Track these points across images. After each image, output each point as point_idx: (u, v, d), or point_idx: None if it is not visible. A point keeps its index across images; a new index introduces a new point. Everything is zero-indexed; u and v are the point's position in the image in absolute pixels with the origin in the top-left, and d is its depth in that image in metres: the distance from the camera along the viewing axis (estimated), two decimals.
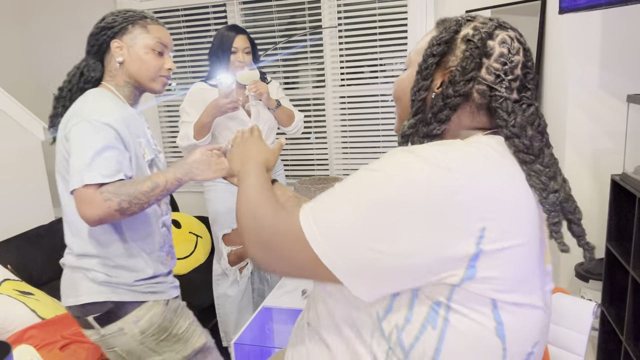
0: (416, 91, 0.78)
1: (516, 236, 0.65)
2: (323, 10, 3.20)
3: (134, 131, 1.28)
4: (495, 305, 0.65)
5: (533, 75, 0.75)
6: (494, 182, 0.65)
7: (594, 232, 2.10)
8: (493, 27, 0.74)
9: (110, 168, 1.13)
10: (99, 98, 1.26)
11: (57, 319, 1.89)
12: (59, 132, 1.26)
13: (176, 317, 1.34)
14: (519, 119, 0.71)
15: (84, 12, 3.69)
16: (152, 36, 1.30)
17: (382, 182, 0.64)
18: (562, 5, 1.80)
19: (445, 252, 0.62)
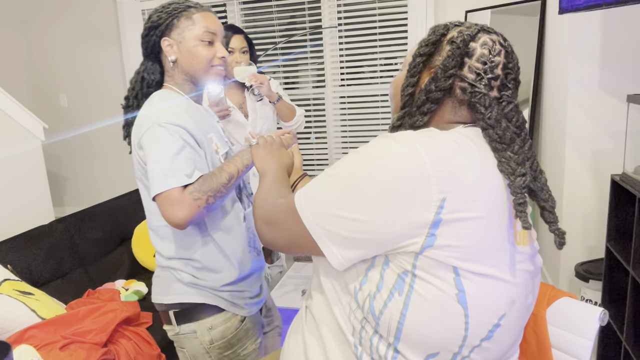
0: (404, 87, 0.86)
1: (477, 209, 0.71)
2: (323, 10, 3.20)
3: (204, 128, 1.25)
4: (457, 272, 0.71)
5: (514, 76, 0.81)
6: (458, 160, 0.72)
7: (594, 232, 2.10)
8: (476, 30, 0.81)
9: (191, 167, 1.12)
10: (164, 100, 1.23)
11: (57, 319, 1.88)
12: (132, 140, 1.23)
13: (246, 338, 1.32)
14: (495, 113, 0.78)
15: (84, 12, 3.70)
16: (198, 26, 1.22)
17: (358, 159, 0.74)
18: (562, 6, 1.80)
19: (406, 220, 0.69)
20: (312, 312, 0.88)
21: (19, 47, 3.92)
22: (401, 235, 0.70)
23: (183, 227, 1.09)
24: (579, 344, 1.00)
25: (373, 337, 0.77)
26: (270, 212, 0.86)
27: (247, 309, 1.31)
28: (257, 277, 1.37)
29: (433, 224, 0.69)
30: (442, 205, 0.69)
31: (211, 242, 1.25)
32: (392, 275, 0.74)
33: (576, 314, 1.01)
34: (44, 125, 2.87)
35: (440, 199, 0.69)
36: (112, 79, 3.76)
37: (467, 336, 0.74)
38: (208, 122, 1.30)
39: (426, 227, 0.69)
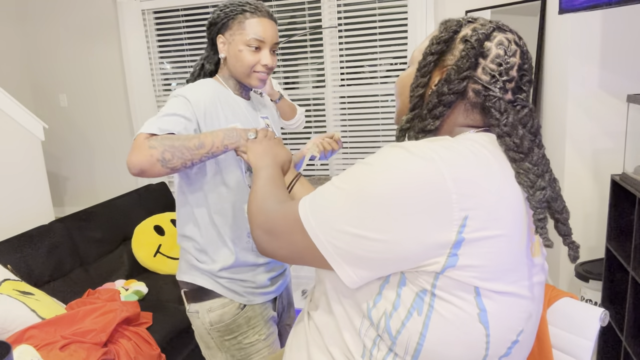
0: (414, 87, 0.81)
1: (499, 227, 0.67)
2: (323, 10, 3.20)
3: (227, 115, 1.28)
4: (478, 292, 0.67)
5: (529, 77, 0.77)
6: (478, 174, 0.67)
7: (594, 232, 2.10)
8: (491, 29, 0.76)
9: (169, 127, 1.15)
10: (200, 84, 1.30)
11: (57, 319, 1.89)
12: None
13: (247, 326, 1.34)
14: (511, 119, 0.74)
15: (84, 12, 3.70)
16: (248, 31, 1.26)
17: (372, 174, 0.68)
18: (562, 6, 1.80)
19: (427, 240, 0.65)
20: (317, 326, 0.84)
21: (18, 47, 3.92)
22: (421, 256, 0.66)
23: (134, 172, 1.10)
24: (579, 345, 1.00)
25: (387, 355, 0.73)
26: (269, 219, 0.80)
27: (246, 297, 1.34)
28: (265, 269, 1.38)
29: (455, 244, 0.65)
30: (464, 224, 0.65)
31: (211, 225, 1.30)
32: (410, 294, 0.70)
33: (577, 314, 1.01)
34: (44, 125, 2.87)
35: (462, 217, 0.65)
36: (112, 79, 3.76)
37: (487, 355, 0.71)
38: (240, 114, 1.34)
39: (448, 247, 0.65)
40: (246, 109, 1.36)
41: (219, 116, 1.26)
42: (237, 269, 1.32)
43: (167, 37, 3.58)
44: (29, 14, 3.86)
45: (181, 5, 3.44)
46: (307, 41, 3.30)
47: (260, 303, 1.37)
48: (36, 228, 2.38)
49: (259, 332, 1.36)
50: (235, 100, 1.34)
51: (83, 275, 2.45)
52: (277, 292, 1.42)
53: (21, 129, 2.74)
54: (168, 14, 3.53)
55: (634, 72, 1.95)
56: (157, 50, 3.63)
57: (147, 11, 3.54)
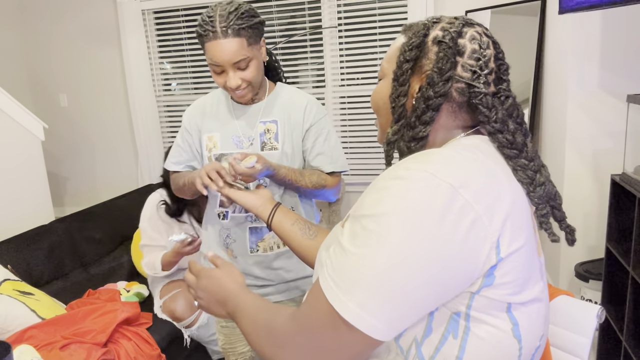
0: (395, 98, 0.79)
1: (521, 236, 0.65)
2: (323, 10, 3.20)
3: (209, 125, 1.41)
4: (509, 307, 0.66)
5: (506, 66, 0.77)
6: (493, 187, 0.65)
7: (594, 232, 2.10)
8: (460, 25, 0.75)
9: (172, 160, 1.48)
10: (205, 96, 1.49)
11: (57, 319, 1.88)
12: None
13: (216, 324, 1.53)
14: (500, 114, 0.73)
15: (84, 12, 3.70)
16: (208, 56, 1.27)
17: (393, 226, 0.61)
18: (562, 5, 1.80)
19: (469, 274, 0.62)
20: None
21: (19, 47, 3.92)
22: (464, 285, 0.64)
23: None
24: (577, 342, 1.00)
25: None
26: (302, 342, 0.67)
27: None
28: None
29: (492, 266, 0.63)
30: (498, 244, 0.62)
31: (207, 226, 1.49)
32: (442, 317, 0.66)
33: (574, 312, 1.01)
34: (44, 125, 2.87)
35: (496, 237, 0.62)
36: (112, 78, 3.76)
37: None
38: (224, 120, 1.40)
39: (486, 269, 0.63)
40: (240, 115, 1.39)
41: (199, 126, 1.43)
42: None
43: (167, 37, 3.58)
44: (29, 14, 3.86)
45: (181, 5, 3.44)
46: (307, 41, 3.30)
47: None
48: (36, 228, 2.38)
49: (224, 338, 1.52)
50: (231, 106, 1.40)
51: (83, 275, 2.45)
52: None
53: (21, 129, 2.74)
54: (168, 14, 3.53)
55: (634, 72, 1.95)
56: (157, 50, 3.64)
57: (147, 11, 3.54)
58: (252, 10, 1.28)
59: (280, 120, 1.38)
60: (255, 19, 1.27)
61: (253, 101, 1.40)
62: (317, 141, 1.40)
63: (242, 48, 1.24)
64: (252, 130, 1.38)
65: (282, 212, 1.13)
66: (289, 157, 1.38)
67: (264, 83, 1.41)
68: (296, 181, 1.32)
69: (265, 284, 1.41)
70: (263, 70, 1.37)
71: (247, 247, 1.39)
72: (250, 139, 1.38)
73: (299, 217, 1.13)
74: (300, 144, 1.39)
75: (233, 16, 1.22)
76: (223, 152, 1.39)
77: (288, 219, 1.11)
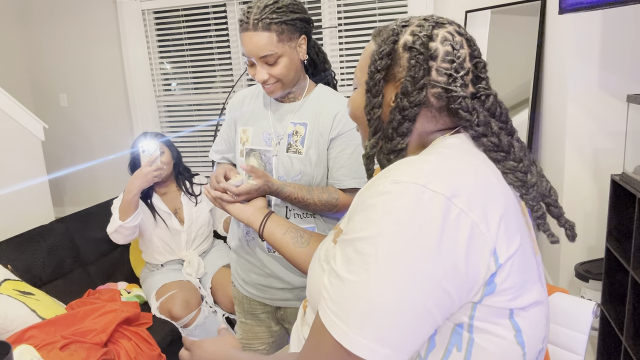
0: (370, 110, 0.76)
1: (516, 236, 0.64)
2: (323, 10, 3.20)
3: (245, 118, 1.40)
4: (511, 313, 0.64)
5: (484, 63, 0.73)
6: (486, 190, 0.63)
7: (594, 232, 2.10)
8: (430, 27, 0.72)
9: (215, 149, 1.51)
10: (250, 87, 1.48)
11: (57, 319, 1.88)
12: None
13: (239, 307, 1.55)
14: (482, 116, 0.70)
15: (84, 12, 3.70)
16: (242, 46, 1.26)
17: (390, 248, 0.58)
18: (562, 5, 1.80)
19: (474, 283, 0.60)
20: None
21: (19, 47, 3.92)
22: (467, 297, 0.62)
23: None
24: (573, 338, 1.00)
25: None
26: None
27: (237, 283, 1.52)
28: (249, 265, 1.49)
29: (493, 273, 0.61)
30: (495, 250, 0.60)
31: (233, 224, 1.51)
32: (445, 330, 0.64)
33: (569, 308, 1.02)
34: (44, 125, 2.87)
35: (493, 243, 0.60)
36: (113, 78, 3.76)
37: None
38: (259, 115, 1.39)
39: (487, 278, 0.61)
40: (275, 112, 1.37)
41: (236, 118, 1.42)
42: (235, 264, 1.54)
43: (167, 37, 3.58)
44: (30, 14, 3.86)
45: (181, 5, 3.44)
46: None
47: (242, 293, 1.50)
48: (36, 228, 2.38)
49: (240, 317, 1.55)
50: (268, 102, 1.38)
51: (83, 275, 2.45)
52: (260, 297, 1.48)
53: (21, 129, 2.74)
54: (168, 14, 3.53)
55: (634, 72, 1.95)
56: (157, 50, 3.64)
57: (147, 11, 3.54)
58: (294, 6, 1.23)
59: (310, 124, 1.32)
60: (294, 14, 1.22)
61: (289, 99, 1.36)
62: (343, 153, 1.31)
63: (270, 43, 1.20)
64: (282, 130, 1.34)
65: (273, 221, 1.11)
66: (312, 163, 1.31)
67: (303, 82, 1.36)
68: (304, 199, 1.27)
69: (285, 287, 1.39)
70: (299, 69, 1.31)
71: (264, 246, 1.38)
72: (279, 138, 1.34)
73: (291, 226, 1.11)
74: (325, 151, 1.32)
75: (268, 9, 1.19)
76: (253, 148, 1.37)
77: (280, 228, 1.10)
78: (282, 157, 1.33)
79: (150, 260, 2.37)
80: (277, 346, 1.56)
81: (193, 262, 2.34)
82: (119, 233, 2.10)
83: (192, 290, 2.24)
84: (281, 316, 1.47)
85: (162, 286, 2.24)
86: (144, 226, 2.26)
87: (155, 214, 2.27)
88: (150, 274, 2.36)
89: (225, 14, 3.41)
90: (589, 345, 1.01)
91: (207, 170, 3.65)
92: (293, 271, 1.37)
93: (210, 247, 2.50)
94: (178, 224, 2.32)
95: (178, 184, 2.39)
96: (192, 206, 2.36)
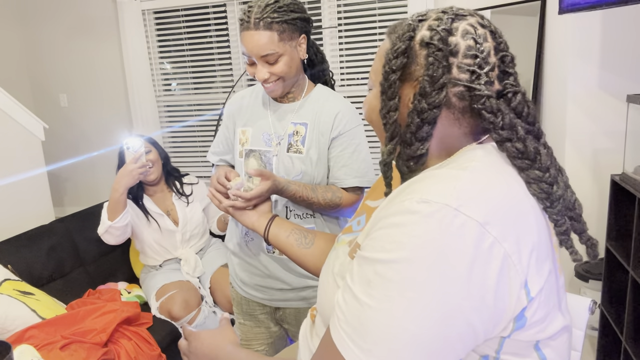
0: (385, 114, 0.70)
1: (546, 264, 0.59)
2: (323, 11, 3.20)
3: (244, 119, 1.40)
4: (537, 344, 0.61)
5: (511, 56, 0.66)
6: (521, 217, 0.58)
7: (594, 232, 2.10)
8: (449, 20, 0.65)
9: (212, 150, 1.50)
10: (249, 87, 1.48)
11: (58, 319, 1.88)
12: None
13: (236, 309, 1.54)
14: (507, 118, 0.63)
15: (84, 11, 3.70)
16: (242, 45, 1.25)
17: (417, 276, 0.54)
18: (562, 6, 1.80)
19: (503, 317, 0.57)
20: None
21: (18, 47, 3.92)
22: (496, 331, 0.58)
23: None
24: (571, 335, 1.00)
25: None
26: None
27: (235, 283, 1.51)
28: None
29: (524, 307, 0.57)
30: (526, 282, 0.56)
31: (231, 224, 1.51)
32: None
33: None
34: (44, 125, 2.87)
35: (525, 276, 0.56)
36: (113, 78, 3.76)
37: None
38: (258, 116, 1.38)
39: (517, 312, 0.57)
40: (274, 112, 1.37)
41: (235, 119, 1.41)
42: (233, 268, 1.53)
43: (167, 37, 3.58)
44: (30, 14, 3.86)
45: (181, 5, 3.44)
46: None
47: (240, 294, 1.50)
48: (36, 228, 2.38)
49: (238, 317, 1.54)
50: (267, 102, 1.38)
51: (83, 275, 2.45)
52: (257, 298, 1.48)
53: (21, 129, 2.74)
54: (168, 14, 3.53)
55: (634, 72, 1.95)
56: (157, 50, 3.63)
57: (147, 11, 3.54)
58: (294, 5, 1.23)
59: (310, 124, 1.33)
60: (295, 14, 1.22)
61: (288, 100, 1.36)
62: (344, 152, 1.32)
63: (272, 42, 1.20)
64: (282, 130, 1.35)
65: (277, 224, 1.11)
66: (313, 163, 1.32)
67: (302, 82, 1.36)
68: (308, 198, 1.27)
69: (284, 287, 1.39)
70: (299, 68, 1.31)
71: (263, 247, 1.38)
72: (279, 138, 1.34)
73: (295, 227, 1.10)
74: (326, 151, 1.33)
75: (269, 9, 1.19)
76: (252, 148, 1.37)
77: (283, 231, 1.09)
78: (282, 157, 1.34)
79: (148, 262, 2.37)
80: (276, 347, 1.55)
81: (190, 260, 2.34)
82: (110, 234, 2.08)
83: (191, 290, 2.24)
84: (280, 317, 1.47)
85: (161, 287, 2.24)
86: (137, 228, 2.25)
87: (147, 215, 2.26)
88: (149, 274, 2.36)
89: (225, 14, 3.41)
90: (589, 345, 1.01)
91: (207, 170, 3.65)
92: (292, 272, 1.37)
93: (207, 245, 2.50)
94: (172, 224, 2.31)
95: (168, 185, 2.37)
96: (184, 206, 2.36)
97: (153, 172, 2.25)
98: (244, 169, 1.38)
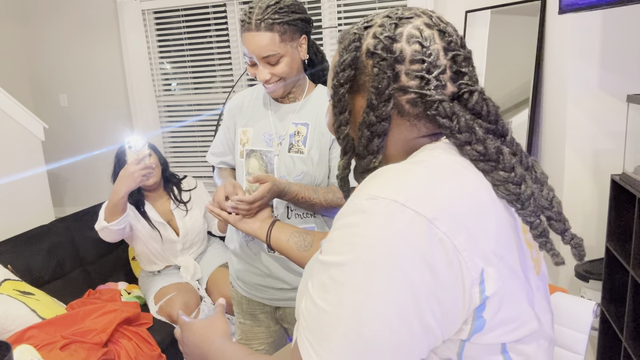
0: (337, 128, 0.68)
1: (506, 263, 0.57)
2: (323, 11, 3.20)
3: (245, 119, 1.40)
4: (504, 348, 0.59)
5: (464, 55, 0.63)
6: (475, 211, 0.56)
7: (594, 232, 2.10)
8: (393, 26, 0.63)
9: (213, 150, 1.51)
10: (250, 88, 1.47)
11: (57, 319, 1.89)
12: None
13: (239, 315, 1.54)
14: (463, 121, 0.60)
15: (84, 11, 3.70)
16: (243, 46, 1.26)
17: (367, 277, 0.53)
18: (562, 5, 1.80)
19: (457, 316, 0.55)
20: None
21: (18, 47, 3.92)
22: (450, 332, 0.56)
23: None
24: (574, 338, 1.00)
25: None
26: None
27: (235, 285, 1.51)
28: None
29: (479, 307, 0.55)
30: (482, 279, 0.54)
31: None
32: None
33: (570, 308, 1.02)
34: (44, 125, 2.87)
35: (479, 274, 0.54)
36: (113, 78, 3.76)
37: None
38: (259, 116, 1.38)
39: (472, 312, 0.55)
40: (275, 112, 1.37)
41: (235, 119, 1.42)
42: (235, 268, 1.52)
43: (167, 37, 3.58)
44: (29, 14, 3.86)
45: (181, 5, 3.44)
46: None
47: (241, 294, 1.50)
48: (36, 228, 2.38)
49: (238, 316, 1.55)
50: (268, 103, 1.38)
51: (83, 275, 2.45)
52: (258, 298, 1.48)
53: (21, 129, 2.74)
54: (168, 14, 3.53)
55: (634, 72, 1.95)
56: (157, 50, 3.63)
57: (147, 11, 3.54)
58: (295, 6, 1.23)
59: (312, 124, 1.33)
60: (296, 15, 1.23)
61: (289, 100, 1.36)
62: None
63: (273, 43, 1.21)
64: (283, 130, 1.35)
65: (277, 229, 1.11)
66: (314, 163, 1.32)
67: (303, 83, 1.36)
68: (310, 199, 1.27)
69: (284, 287, 1.39)
70: (300, 69, 1.31)
71: (263, 247, 1.38)
72: (280, 138, 1.35)
73: (295, 230, 1.11)
74: (327, 151, 1.33)
75: (270, 10, 1.20)
76: (253, 149, 1.37)
77: (284, 235, 1.10)
78: (284, 158, 1.34)
79: (146, 267, 2.36)
80: (276, 346, 1.56)
81: (189, 267, 2.33)
82: (106, 233, 2.06)
83: (190, 292, 2.23)
84: (280, 316, 1.47)
85: (160, 289, 2.23)
86: (138, 235, 2.22)
87: (150, 224, 2.23)
88: (148, 278, 2.35)
89: (225, 14, 3.41)
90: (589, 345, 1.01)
91: (207, 170, 3.65)
92: (292, 271, 1.37)
93: (205, 249, 2.50)
94: (174, 234, 2.29)
95: (167, 192, 2.33)
96: (183, 215, 2.32)
97: (153, 176, 2.22)
98: (246, 169, 1.38)
